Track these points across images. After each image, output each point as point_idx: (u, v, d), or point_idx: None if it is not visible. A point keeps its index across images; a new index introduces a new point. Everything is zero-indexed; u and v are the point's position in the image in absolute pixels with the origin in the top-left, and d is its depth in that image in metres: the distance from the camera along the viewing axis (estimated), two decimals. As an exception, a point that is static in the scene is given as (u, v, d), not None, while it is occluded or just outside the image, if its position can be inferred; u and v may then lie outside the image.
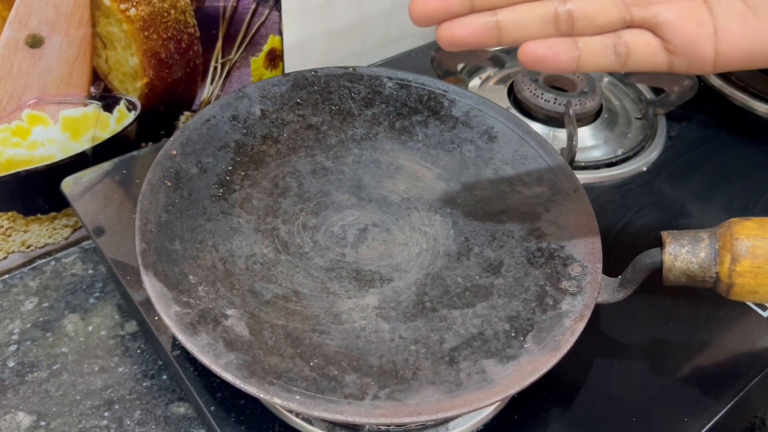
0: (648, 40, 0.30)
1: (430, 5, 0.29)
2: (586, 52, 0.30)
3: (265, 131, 0.45)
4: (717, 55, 0.29)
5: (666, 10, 0.29)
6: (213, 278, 0.37)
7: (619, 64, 0.30)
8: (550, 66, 0.30)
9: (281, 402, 0.31)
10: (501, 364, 0.34)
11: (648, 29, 0.30)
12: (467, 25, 0.30)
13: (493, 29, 0.30)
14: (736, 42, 0.29)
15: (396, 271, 0.39)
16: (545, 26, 0.30)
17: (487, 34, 0.30)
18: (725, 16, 0.29)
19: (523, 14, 0.30)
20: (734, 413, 0.39)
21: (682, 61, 0.30)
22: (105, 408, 0.43)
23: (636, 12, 0.30)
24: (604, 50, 0.30)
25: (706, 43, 0.29)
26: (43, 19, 0.44)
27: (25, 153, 0.48)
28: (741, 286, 0.34)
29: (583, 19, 0.30)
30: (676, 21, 0.29)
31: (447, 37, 0.30)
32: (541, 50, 0.29)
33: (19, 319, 0.48)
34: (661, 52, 0.30)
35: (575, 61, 0.30)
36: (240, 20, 0.53)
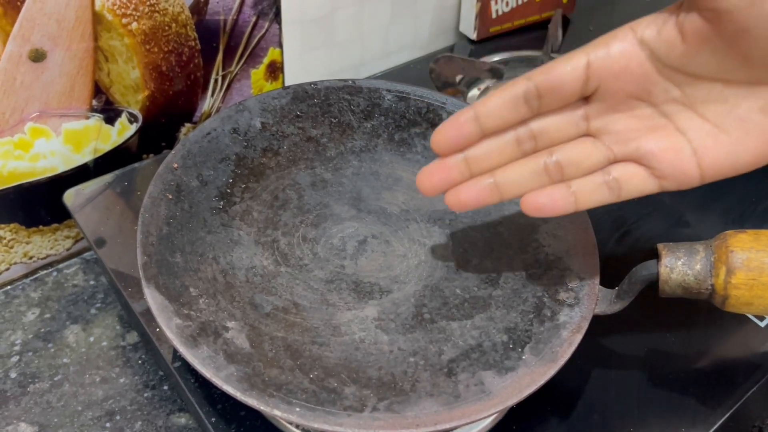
0: (635, 170, 0.32)
1: (434, 179, 0.34)
2: (581, 193, 0.33)
3: (265, 144, 0.45)
4: (702, 171, 0.31)
5: (645, 143, 0.32)
6: (213, 291, 0.37)
7: (615, 197, 0.33)
8: (550, 212, 0.33)
9: (281, 414, 0.31)
10: (499, 375, 0.34)
11: (632, 162, 0.32)
12: (470, 190, 0.34)
13: (494, 189, 0.34)
14: (716, 157, 0.31)
15: (395, 282, 0.40)
16: (538, 178, 0.33)
17: (489, 195, 0.34)
18: (698, 138, 0.31)
19: (517, 172, 0.34)
20: (732, 423, 0.39)
21: (671, 183, 0.32)
22: (106, 419, 0.43)
23: (617, 149, 0.32)
24: (596, 188, 0.33)
25: (688, 163, 0.31)
26: (45, 34, 0.44)
27: (27, 165, 0.48)
28: (736, 297, 0.34)
29: (570, 165, 0.33)
30: (656, 151, 0.32)
31: (455, 202, 0.34)
32: (541, 200, 0.33)
33: (21, 330, 0.48)
34: (649, 178, 0.32)
35: (572, 203, 0.33)
36: (240, 33, 0.53)
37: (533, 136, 0.33)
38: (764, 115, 0.30)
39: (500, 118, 0.33)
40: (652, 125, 0.32)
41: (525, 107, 0.32)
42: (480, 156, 0.34)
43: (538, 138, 0.33)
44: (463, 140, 0.33)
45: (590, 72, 0.31)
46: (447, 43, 0.70)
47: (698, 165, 0.31)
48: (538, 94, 0.32)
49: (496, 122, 0.33)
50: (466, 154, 0.34)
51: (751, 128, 0.30)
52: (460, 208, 0.34)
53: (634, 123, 0.32)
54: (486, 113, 0.33)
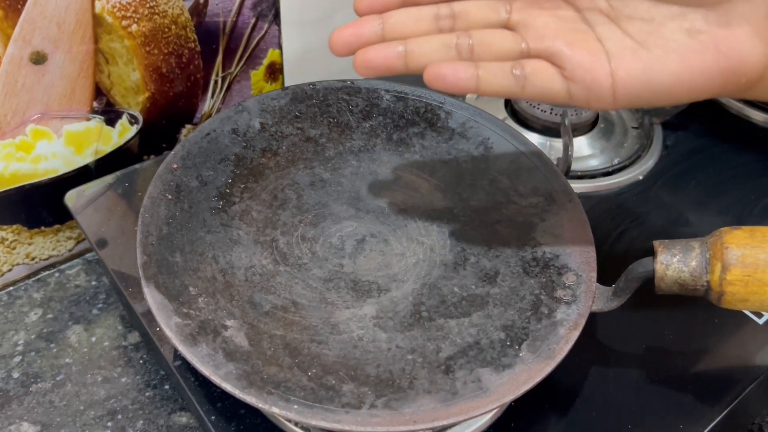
0: (544, 66, 0.31)
1: (346, 34, 0.33)
2: (485, 75, 0.32)
3: (264, 144, 0.46)
4: (614, 83, 0.30)
5: (559, 40, 0.31)
6: (213, 290, 0.37)
7: (518, 87, 0.32)
8: (450, 83, 0.31)
9: (279, 411, 0.31)
10: (496, 372, 0.34)
11: (544, 59, 0.32)
12: (378, 53, 0.33)
13: (402, 56, 0.32)
14: (632, 70, 0.30)
15: (393, 281, 0.40)
16: (447, 52, 0.32)
17: (396, 61, 0.32)
18: (617, 49, 0.31)
19: (427, 43, 0.33)
20: (730, 420, 0.39)
21: (579, 88, 0.31)
22: (108, 418, 0.43)
23: (532, 44, 0.32)
24: (502, 72, 0.32)
25: (600, 69, 0.30)
26: (46, 37, 0.45)
27: (29, 167, 0.49)
28: (731, 294, 0.34)
29: (481, 47, 0.32)
30: (569, 49, 0.31)
31: (361, 62, 0.33)
32: (443, 70, 0.31)
33: (24, 331, 0.49)
34: (557, 78, 0.31)
35: (474, 79, 0.31)
36: (240, 34, 0.54)
37: (453, 15, 0.33)
38: (689, 37, 0.30)
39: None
40: (572, 28, 0.32)
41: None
42: (396, 22, 0.33)
43: (457, 18, 0.33)
44: (383, 3, 0.33)
45: None
46: (446, 44, 0.70)
47: (611, 75, 0.30)
48: None
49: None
50: (383, 16, 0.33)
51: (673, 48, 0.30)
52: (366, 69, 0.33)
53: (554, 22, 0.32)
54: None
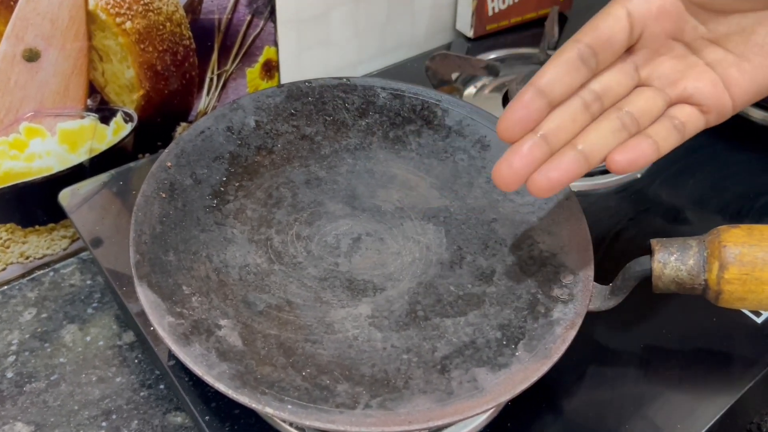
0: (689, 110, 0.35)
1: (516, 167, 0.32)
2: (660, 140, 0.34)
3: (259, 142, 0.45)
4: (734, 100, 0.35)
5: (689, 82, 0.35)
6: (207, 289, 0.37)
7: (681, 137, 0.35)
8: (642, 163, 0.33)
9: (273, 411, 0.31)
10: (492, 372, 0.34)
11: (684, 102, 0.35)
12: (558, 166, 0.32)
13: (581, 158, 0.33)
14: (742, 85, 0.34)
15: (389, 280, 0.40)
16: (619, 135, 0.34)
17: (578, 165, 0.33)
18: (725, 69, 0.35)
19: (598, 134, 0.33)
20: (728, 420, 0.39)
21: (713, 116, 0.35)
22: (102, 418, 0.43)
23: (670, 92, 0.35)
24: (669, 132, 0.34)
25: (723, 95, 0.35)
26: (39, 34, 0.44)
27: (22, 165, 0.48)
28: (729, 293, 0.34)
29: (642, 116, 0.34)
30: (700, 88, 0.35)
31: (545, 182, 0.32)
32: (630, 155, 0.33)
33: (18, 330, 0.48)
34: (701, 117, 0.35)
35: (656, 149, 0.34)
36: (235, 32, 0.53)
37: (598, 97, 0.34)
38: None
39: (563, 85, 0.33)
40: (688, 64, 0.35)
41: (584, 68, 0.33)
42: (556, 128, 0.33)
43: (603, 97, 0.34)
44: (533, 118, 0.32)
45: (633, 20, 0.33)
46: (444, 41, 0.70)
47: (730, 96, 0.34)
48: (593, 52, 0.33)
49: (561, 90, 0.33)
50: (540, 130, 0.33)
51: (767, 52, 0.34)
52: (550, 188, 0.32)
53: (675, 63, 0.35)
54: (549, 84, 0.32)
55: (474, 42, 0.69)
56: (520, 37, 0.69)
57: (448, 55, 0.59)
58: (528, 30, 0.70)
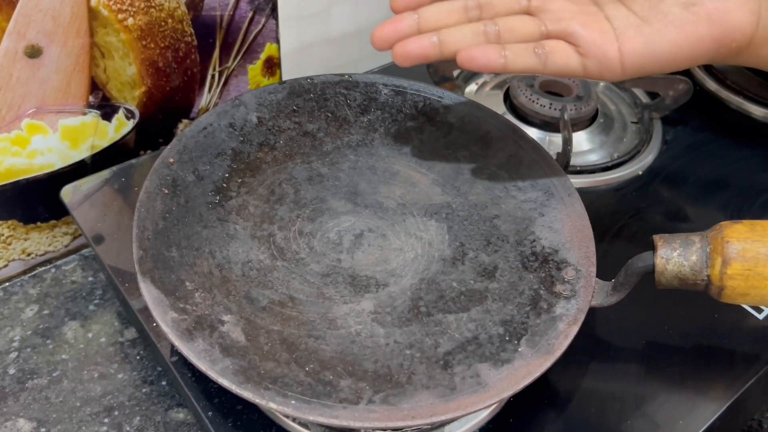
0: (562, 45, 0.36)
1: (386, 31, 0.38)
2: (511, 54, 0.36)
3: (261, 138, 0.45)
4: (622, 56, 0.36)
5: (574, 22, 0.36)
6: (209, 285, 0.37)
7: (540, 64, 0.36)
8: (482, 64, 0.36)
9: (276, 407, 0.31)
10: (495, 368, 0.34)
11: (562, 39, 0.37)
12: (415, 43, 0.37)
13: (436, 45, 0.37)
14: (635, 44, 0.36)
15: (391, 276, 0.40)
16: (477, 38, 0.37)
17: (431, 49, 0.37)
18: (622, 26, 0.36)
19: (459, 32, 0.37)
20: (730, 416, 0.39)
21: (592, 63, 0.36)
22: (105, 414, 0.43)
23: (550, 26, 0.37)
24: (526, 52, 0.36)
25: (610, 45, 0.36)
26: (41, 30, 0.44)
27: (24, 162, 0.48)
28: (732, 288, 0.34)
29: (506, 32, 0.37)
30: (583, 29, 0.36)
31: (400, 53, 0.37)
32: (474, 53, 0.36)
33: (20, 327, 0.48)
34: (574, 55, 0.36)
35: (502, 59, 0.36)
36: (237, 28, 0.53)
37: (479, 6, 0.38)
38: (684, 10, 0.35)
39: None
40: (584, 11, 0.37)
41: None
42: (430, 16, 0.38)
43: (484, 8, 0.38)
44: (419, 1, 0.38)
45: None
46: (445, 38, 0.70)
47: (619, 49, 0.35)
48: None
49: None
50: (418, 12, 0.38)
51: (671, 20, 0.35)
52: (404, 58, 0.37)
53: (569, 6, 0.37)
54: None
55: (475, 39, 0.69)
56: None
57: (449, 52, 0.59)
58: (529, 27, 0.70)
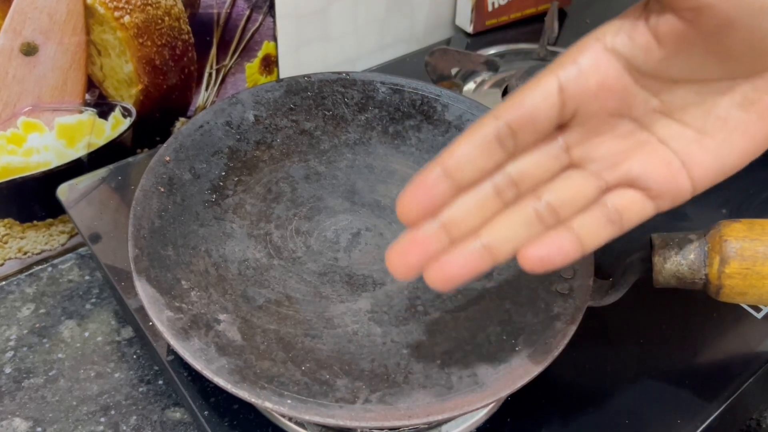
0: (631, 195, 0.29)
1: (410, 258, 0.29)
2: (585, 234, 0.29)
3: (258, 137, 0.45)
4: (693, 182, 0.29)
5: (634, 164, 0.29)
6: (206, 283, 0.37)
7: (618, 229, 0.29)
8: (559, 262, 0.28)
9: (272, 406, 0.31)
10: (492, 367, 0.34)
11: (625, 187, 0.29)
12: (456, 261, 0.28)
13: (485, 253, 0.28)
14: (704, 163, 0.29)
15: (388, 275, 0.39)
16: (532, 228, 0.29)
17: (480, 261, 0.28)
18: (683, 147, 0.29)
19: (506, 227, 0.29)
20: (728, 415, 0.39)
21: (666, 201, 0.29)
22: (101, 413, 0.43)
23: (607, 176, 0.29)
24: (598, 224, 0.29)
25: (679, 177, 0.29)
26: (37, 28, 0.44)
27: (20, 160, 0.48)
28: (730, 287, 0.34)
29: (563, 206, 0.29)
30: (647, 169, 0.29)
31: (440, 278, 0.29)
32: (544, 251, 0.28)
33: (16, 326, 0.48)
34: (646, 201, 0.29)
35: (579, 246, 0.29)
36: (234, 26, 0.53)
37: (513, 182, 0.28)
38: (743, 111, 0.28)
39: (473, 168, 0.28)
40: (636, 142, 0.29)
41: (499, 150, 0.28)
42: (459, 218, 0.28)
43: (519, 183, 0.29)
44: (435, 203, 0.28)
45: (565, 96, 0.27)
46: (443, 37, 0.70)
47: (689, 177, 0.29)
48: (511, 132, 0.27)
49: (470, 173, 0.28)
50: (441, 218, 0.28)
51: (733, 127, 0.28)
52: (446, 284, 0.29)
53: (618, 143, 0.29)
54: (456, 166, 0.28)
55: (473, 37, 0.69)
56: (519, 32, 0.69)
57: (447, 50, 0.59)
58: (528, 26, 0.70)
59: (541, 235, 0.28)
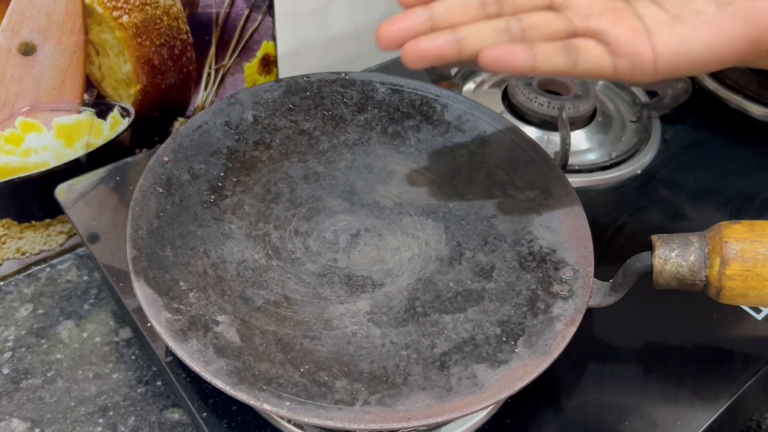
0: (592, 44, 0.33)
1: (394, 28, 0.33)
2: (541, 53, 0.32)
3: (257, 137, 0.45)
4: (655, 56, 0.32)
5: (603, 19, 0.33)
6: (204, 284, 0.37)
7: (571, 65, 0.33)
8: (509, 64, 0.32)
9: (271, 408, 0.31)
10: (492, 368, 0.34)
11: (590, 38, 0.33)
12: (430, 42, 0.33)
13: (454, 43, 0.33)
14: (670, 42, 0.32)
15: (388, 276, 0.39)
16: (499, 36, 0.33)
17: (448, 48, 0.33)
18: (654, 24, 0.32)
19: (479, 29, 0.33)
20: (728, 416, 0.39)
21: (624, 63, 0.32)
22: (99, 414, 0.43)
23: (578, 23, 0.33)
24: (555, 52, 0.33)
25: (642, 44, 0.32)
26: (35, 27, 0.44)
27: (18, 160, 0.48)
28: (731, 289, 0.34)
29: (532, 28, 0.33)
30: (613, 27, 0.32)
31: (412, 52, 0.33)
32: (500, 52, 0.32)
33: (14, 326, 0.48)
34: (605, 55, 0.33)
35: (531, 60, 0.32)
36: (233, 26, 0.53)
37: (499, 1, 0.34)
38: (718, 8, 0.32)
39: None
40: (612, 7, 0.33)
41: None
42: (444, 11, 0.33)
43: (504, 3, 0.34)
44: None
45: None
46: (443, 37, 0.70)
47: (652, 48, 0.32)
48: None
49: None
50: (430, 8, 0.33)
51: (706, 19, 0.32)
52: (416, 59, 0.33)
53: (596, 1, 0.33)
54: None
55: (473, 37, 0.68)
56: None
57: (447, 50, 0.58)
58: (527, 25, 0.70)
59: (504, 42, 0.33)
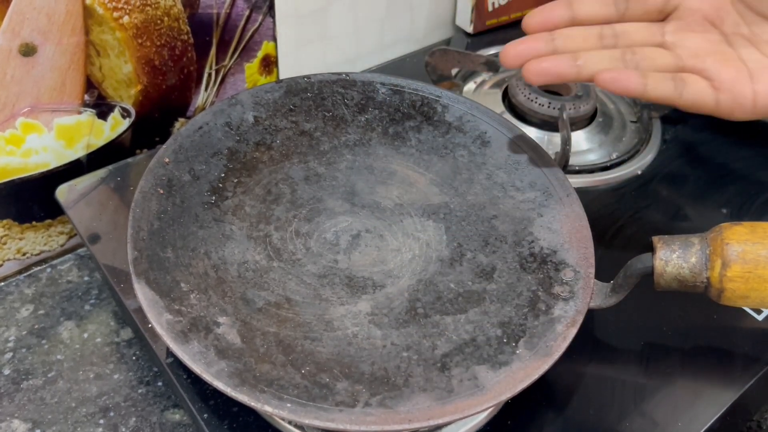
0: (697, 79, 0.36)
1: (519, 48, 0.38)
2: (651, 80, 0.36)
3: (258, 138, 0.45)
4: (755, 96, 0.36)
5: (710, 59, 0.37)
6: (205, 286, 0.37)
7: (677, 94, 0.36)
8: (623, 85, 0.36)
9: (272, 410, 0.31)
10: (493, 370, 0.34)
11: (696, 74, 0.36)
12: (553, 62, 0.37)
13: (574, 66, 0.37)
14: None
15: (388, 277, 0.39)
16: (616, 64, 0.37)
17: (568, 69, 0.37)
18: (756, 68, 0.36)
19: (597, 55, 0.37)
20: (729, 417, 0.39)
21: (727, 98, 0.36)
22: (100, 415, 0.43)
23: (687, 60, 0.37)
24: (665, 80, 0.36)
25: (744, 83, 0.36)
26: (35, 28, 0.44)
27: (19, 161, 0.48)
28: (732, 291, 0.34)
29: (644, 60, 0.37)
30: (719, 66, 0.36)
31: (534, 68, 0.37)
32: (616, 74, 0.36)
33: (15, 327, 0.48)
34: (709, 89, 0.36)
35: (643, 84, 0.36)
36: (234, 27, 0.53)
37: (615, 35, 0.38)
38: None
39: (590, 11, 0.38)
40: (719, 49, 0.37)
41: (613, 8, 0.38)
42: (566, 38, 0.38)
43: (619, 38, 0.38)
44: (553, 21, 0.38)
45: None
46: (443, 37, 0.70)
47: (753, 90, 0.35)
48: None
49: (586, 13, 0.38)
50: (553, 34, 0.38)
51: None
52: (537, 75, 0.37)
53: (703, 44, 0.37)
54: (579, 2, 0.38)
55: (474, 37, 0.68)
56: (520, 32, 0.68)
57: (447, 50, 0.58)
58: (528, 25, 0.70)
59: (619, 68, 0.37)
